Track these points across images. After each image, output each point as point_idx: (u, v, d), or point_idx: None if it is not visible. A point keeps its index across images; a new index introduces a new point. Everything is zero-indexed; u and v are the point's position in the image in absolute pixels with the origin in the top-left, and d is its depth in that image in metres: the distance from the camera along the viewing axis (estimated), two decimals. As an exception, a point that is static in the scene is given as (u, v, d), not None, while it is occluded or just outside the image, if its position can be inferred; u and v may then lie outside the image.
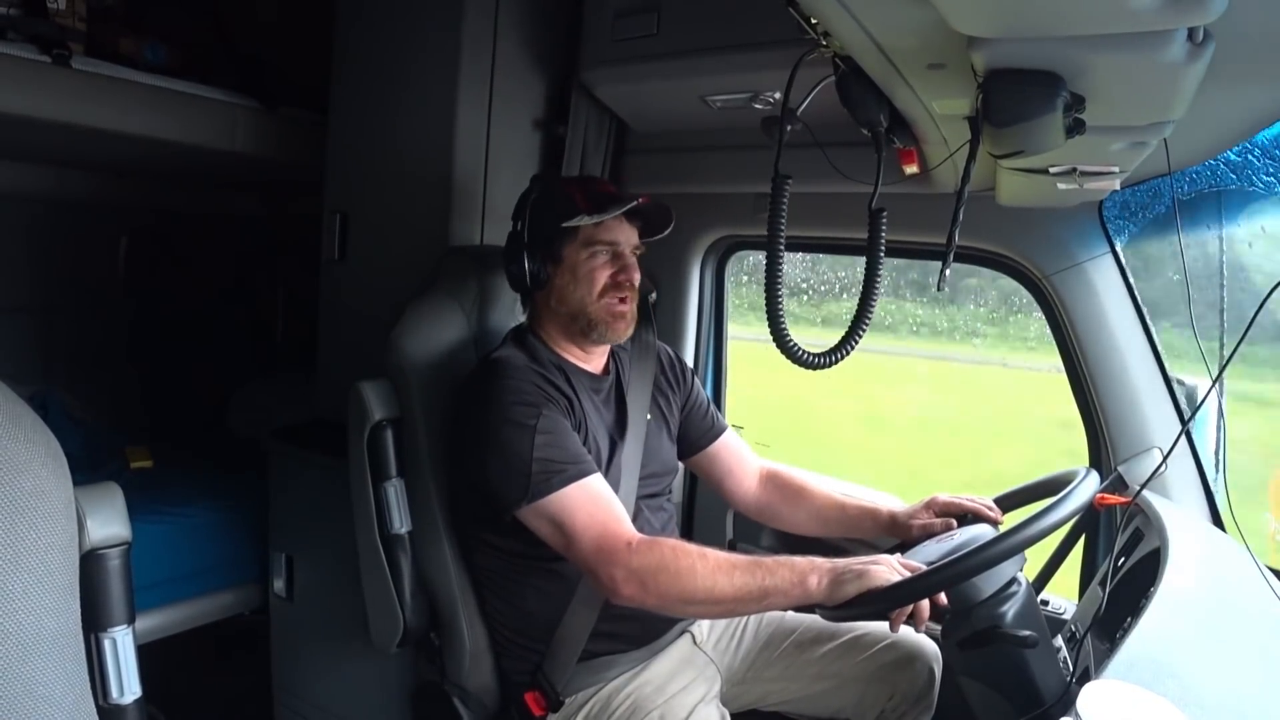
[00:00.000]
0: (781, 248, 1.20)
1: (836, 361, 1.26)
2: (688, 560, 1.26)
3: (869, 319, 1.25)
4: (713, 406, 1.80)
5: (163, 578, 2.17)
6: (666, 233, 1.58)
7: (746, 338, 2.36)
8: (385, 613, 1.64)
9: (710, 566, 1.25)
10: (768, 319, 1.20)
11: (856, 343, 1.25)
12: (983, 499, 1.53)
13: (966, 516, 1.50)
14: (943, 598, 1.17)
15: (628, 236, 1.53)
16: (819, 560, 1.23)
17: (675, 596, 1.26)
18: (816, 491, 1.71)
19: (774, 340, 1.20)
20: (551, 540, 1.35)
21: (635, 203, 1.49)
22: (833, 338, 1.24)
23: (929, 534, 1.48)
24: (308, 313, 2.37)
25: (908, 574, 1.18)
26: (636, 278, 1.53)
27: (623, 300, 1.52)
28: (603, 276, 1.51)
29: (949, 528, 1.47)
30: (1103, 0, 0.67)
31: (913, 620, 1.18)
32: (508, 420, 1.37)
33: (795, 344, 1.20)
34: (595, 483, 1.36)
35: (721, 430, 1.77)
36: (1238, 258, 1.60)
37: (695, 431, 1.74)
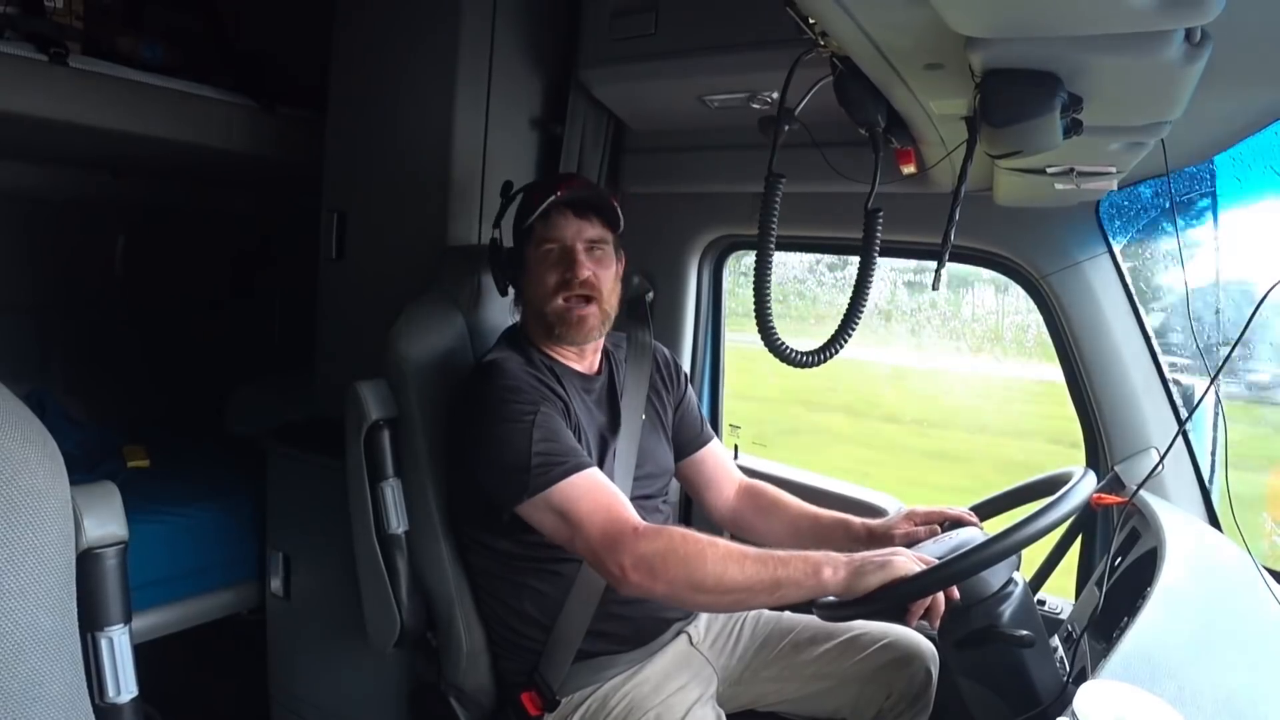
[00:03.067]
0: (772, 246, 1.20)
1: (824, 360, 1.26)
2: (696, 547, 1.24)
3: (859, 319, 1.25)
4: (703, 415, 1.80)
5: (160, 577, 2.17)
6: (622, 224, 1.56)
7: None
8: (382, 612, 1.64)
9: (720, 554, 1.23)
10: (756, 317, 1.20)
11: (845, 342, 1.25)
12: (959, 508, 1.52)
13: (945, 524, 1.50)
14: (955, 592, 1.17)
15: (577, 231, 1.50)
16: (833, 553, 1.22)
17: (684, 584, 1.24)
18: (791, 504, 1.69)
19: (762, 338, 1.20)
20: (556, 533, 1.34)
21: (555, 195, 1.48)
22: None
23: (913, 542, 1.45)
24: (305, 312, 2.36)
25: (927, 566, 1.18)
26: (583, 272, 1.49)
27: (585, 300, 1.49)
28: (552, 276, 1.50)
29: (933, 534, 1.47)
30: (1100, 1, 0.67)
31: (928, 615, 1.17)
32: (504, 418, 1.37)
33: (783, 342, 1.20)
34: (595, 473, 1.36)
35: (708, 440, 1.77)
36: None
37: (683, 437, 1.74)
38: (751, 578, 1.22)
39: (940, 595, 1.16)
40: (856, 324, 1.24)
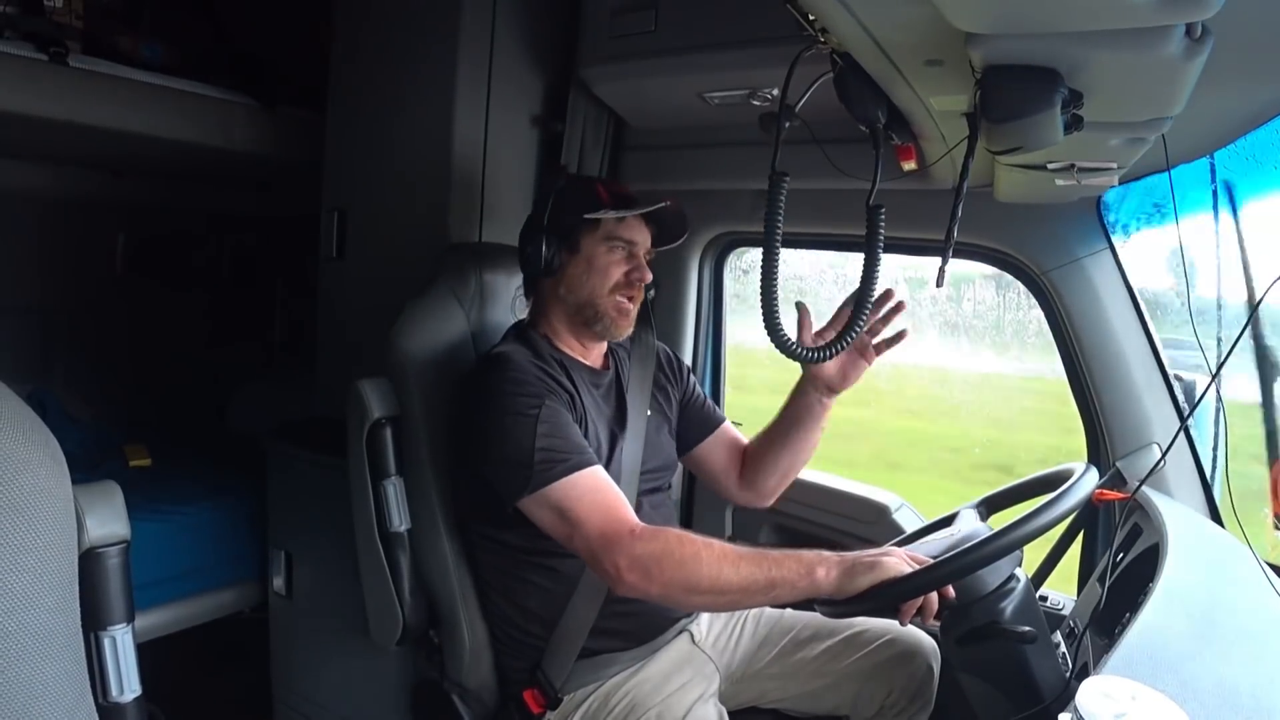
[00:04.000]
0: (778, 244, 1.20)
1: (831, 356, 1.27)
2: (692, 549, 1.25)
3: (866, 315, 1.26)
4: (709, 400, 1.80)
5: (162, 576, 2.17)
6: (679, 243, 1.60)
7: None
8: (384, 610, 1.64)
9: (715, 556, 1.24)
10: (763, 314, 1.20)
11: (853, 339, 1.25)
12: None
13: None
14: (950, 590, 1.17)
15: (643, 238, 1.56)
16: (827, 553, 1.23)
17: (679, 585, 1.25)
18: (772, 427, 1.68)
19: (768, 335, 1.20)
20: (554, 530, 1.35)
21: (663, 205, 1.52)
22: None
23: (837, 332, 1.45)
24: (306, 311, 2.36)
25: (918, 566, 1.18)
26: (648, 278, 1.55)
27: (630, 299, 1.53)
28: (618, 272, 1.52)
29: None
30: (1101, -4, 0.67)
31: (921, 613, 1.18)
32: (509, 411, 1.37)
33: (789, 339, 1.20)
34: (598, 472, 1.36)
35: (719, 422, 1.76)
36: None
37: (693, 425, 1.74)
38: (746, 579, 1.22)
39: (933, 594, 1.17)
40: (865, 320, 1.25)
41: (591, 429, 1.48)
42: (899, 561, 1.19)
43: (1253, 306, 1.13)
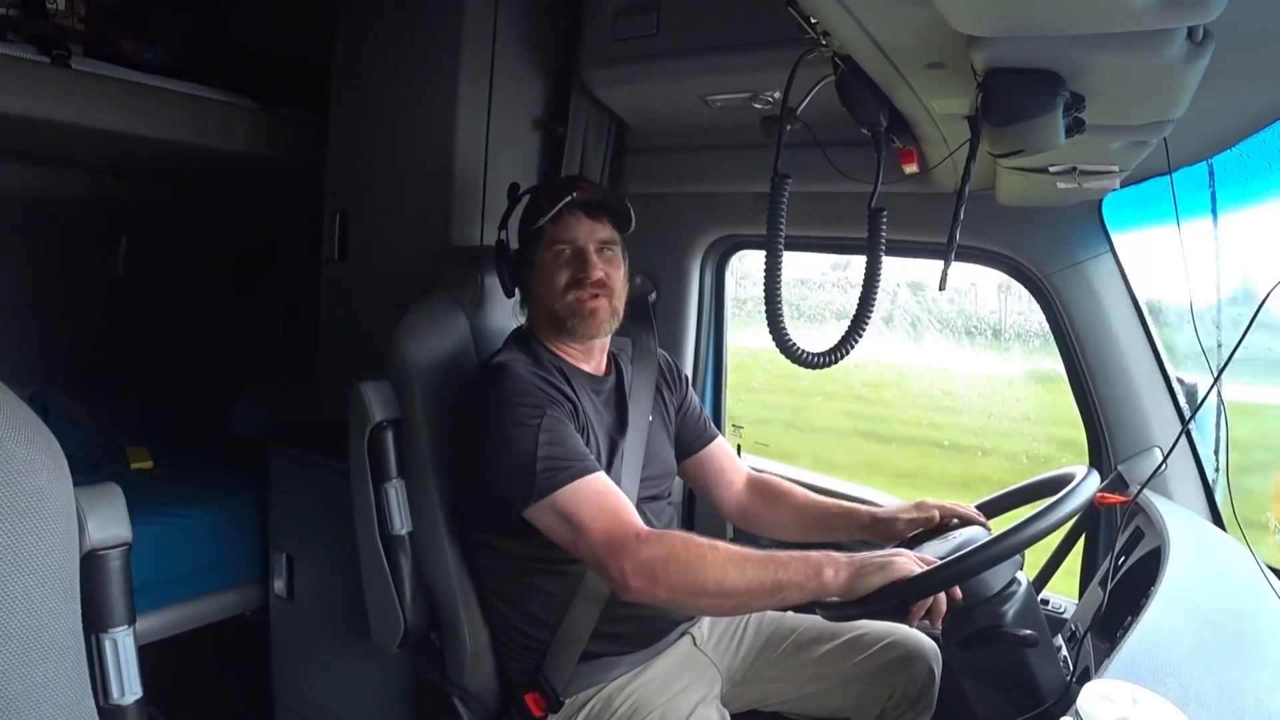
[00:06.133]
0: (781, 247, 1.20)
1: (836, 361, 1.26)
2: (698, 552, 1.24)
3: (869, 319, 1.26)
4: (705, 414, 1.81)
5: (163, 578, 2.17)
6: (633, 225, 1.57)
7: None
8: (386, 613, 1.64)
9: (721, 558, 1.23)
10: (767, 318, 1.20)
11: (856, 343, 1.25)
12: (968, 506, 1.51)
13: (952, 520, 1.49)
14: (958, 592, 1.17)
15: (589, 232, 1.52)
16: (834, 554, 1.22)
17: (685, 588, 1.24)
18: (798, 495, 1.70)
19: (773, 339, 1.20)
20: (559, 537, 1.34)
21: (570, 196, 1.49)
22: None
23: (916, 529, 1.48)
24: (308, 313, 2.37)
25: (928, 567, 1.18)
26: (596, 274, 1.50)
27: (594, 296, 1.50)
28: (562, 276, 1.51)
29: (931, 521, 1.48)
30: (1102, -1, 0.67)
31: (930, 615, 1.17)
32: (511, 421, 1.37)
33: (794, 343, 1.20)
34: (601, 478, 1.36)
35: (712, 437, 1.78)
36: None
37: (687, 437, 1.74)
38: (753, 581, 1.21)
39: (942, 595, 1.16)
40: (867, 324, 1.24)
41: (593, 437, 1.48)
42: (909, 561, 1.18)
43: (1255, 309, 1.12)
